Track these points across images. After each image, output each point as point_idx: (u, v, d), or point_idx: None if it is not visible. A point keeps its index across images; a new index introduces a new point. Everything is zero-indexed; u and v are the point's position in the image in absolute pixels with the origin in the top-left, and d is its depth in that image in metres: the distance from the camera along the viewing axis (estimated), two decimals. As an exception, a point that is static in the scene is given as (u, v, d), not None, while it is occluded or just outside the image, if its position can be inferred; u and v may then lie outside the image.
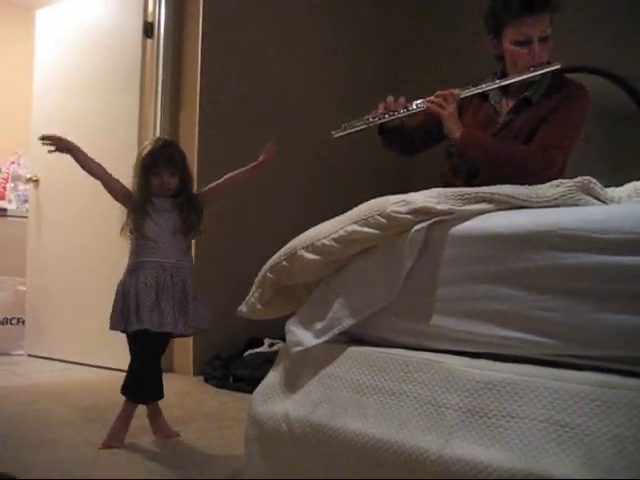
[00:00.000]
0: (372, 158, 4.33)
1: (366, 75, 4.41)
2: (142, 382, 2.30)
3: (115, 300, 2.27)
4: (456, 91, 2.23)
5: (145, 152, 2.39)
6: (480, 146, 2.16)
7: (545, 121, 2.17)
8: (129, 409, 2.27)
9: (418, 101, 2.25)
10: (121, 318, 2.23)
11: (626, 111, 3.80)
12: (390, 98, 2.28)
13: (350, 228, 1.47)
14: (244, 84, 3.79)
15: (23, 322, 4.20)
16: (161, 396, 2.37)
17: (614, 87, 3.77)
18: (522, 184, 1.53)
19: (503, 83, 2.22)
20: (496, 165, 2.11)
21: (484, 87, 2.25)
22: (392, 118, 2.27)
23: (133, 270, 2.27)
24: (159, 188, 2.33)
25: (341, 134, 2.26)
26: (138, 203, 2.31)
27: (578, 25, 3.70)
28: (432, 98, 2.24)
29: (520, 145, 2.17)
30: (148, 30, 3.66)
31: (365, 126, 2.27)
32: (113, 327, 2.27)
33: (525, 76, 2.18)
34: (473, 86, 2.26)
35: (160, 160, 2.33)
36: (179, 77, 3.67)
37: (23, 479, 1.77)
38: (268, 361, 2.97)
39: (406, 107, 2.26)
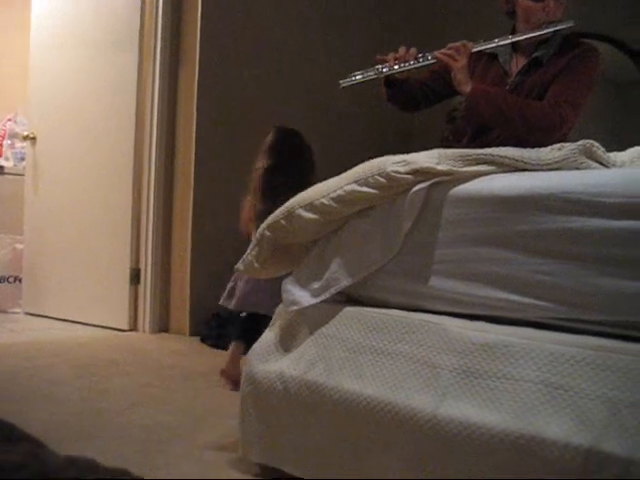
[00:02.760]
0: (373, 121, 4.31)
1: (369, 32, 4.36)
2: None
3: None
4: (469, 44, 2.18)
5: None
6: (491, 100, 2.12)
7: (557, 79, 2.14)
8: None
9: (428, 54, 2.19)
10: None
11: (629, 78, 3.77)
12: (402, 49, 2.21)
13: (349, 188, 1.46)
14: (245, 41, 3.74)
15: (20, 280, 4.20)
16: None
17: (617, 53, 3.73)
18: (534, 140, 1.51)
19: (515, 39, 2.18)
20: (506, 120, 2.07)
21: (497, 41, 2.19)
22: (402, 69, 2.20)
23: None
24: None
25: (349, 83, 2.18)
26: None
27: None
28: (444, 50, 2.18)
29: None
30: (147, -15, 3.59)
31: (375, 76, 2.19)
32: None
33: (538, 33, 2.14)
34: (484, 41, 2.21)
35: None
36: (178, 34, 3.61)
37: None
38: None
39: (417, 58, 2.19)
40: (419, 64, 2.19)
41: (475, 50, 2.19)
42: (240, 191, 3.74)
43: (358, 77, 2.18)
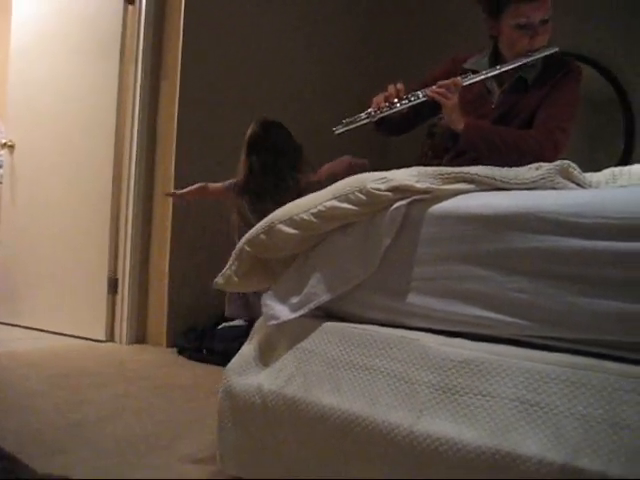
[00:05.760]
0: (349, 135, 4.32)
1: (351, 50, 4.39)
2: None
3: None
4: (458, 80, 2.18)
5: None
6: (484, 136, 2.14)
7: (544, 103, 2.16)
8: None
9: (419, 92, 2.21)
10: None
11: (604, 97, 3.82)
12: (390, 88, 2.22)
13: (329, 204, 1.47)
14: (227, 53, 3.75)
15: (-5, 289, 4.15)
16: None
17: (593, 72, 3.78)
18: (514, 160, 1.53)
19: (503, 69, 2.19)
20: (502, 153, 2.08)
21: (485, 74, 2.21)
22: (393, 111, 2.21)
23: None
24: None
25: (343, 130, 2.21)
26: None
27: (558, 11, 3.70)
28: (434, 88, 2.19)
29: (518, 128, 2.17)
30: (130, -4, 3.60)
31: (367, 120, 2.21)
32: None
33: (524, 60, 2.15)
34: (472, 73, 2.23)
35: None
36: (160, 45, 3.61)
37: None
38: (242, 335, 2.97)
39: (407, 97, 2.20)
40: (410, 103, 2.20)
41: (465, 84, 2.19)
42: (218, 205, 3.75)
43: (350, 124, 2.19)
